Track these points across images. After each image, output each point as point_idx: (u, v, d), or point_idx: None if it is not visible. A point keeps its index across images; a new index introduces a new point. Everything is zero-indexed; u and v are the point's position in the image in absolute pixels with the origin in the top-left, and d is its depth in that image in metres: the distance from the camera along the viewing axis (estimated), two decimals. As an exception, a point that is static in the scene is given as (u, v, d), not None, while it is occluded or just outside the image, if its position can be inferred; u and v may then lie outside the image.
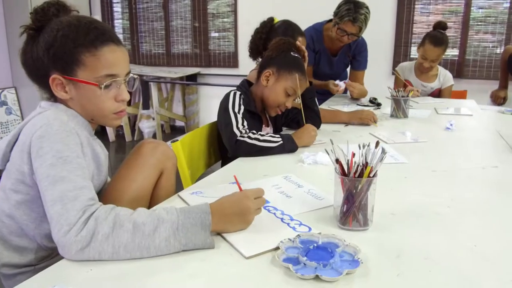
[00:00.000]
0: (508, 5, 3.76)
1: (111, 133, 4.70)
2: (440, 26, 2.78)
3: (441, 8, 3.98)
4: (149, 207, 1.07)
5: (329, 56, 2.57)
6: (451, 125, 1.81)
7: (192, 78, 4.86)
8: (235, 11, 4.62)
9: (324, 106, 2.29)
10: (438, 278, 0.71)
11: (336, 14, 2.33)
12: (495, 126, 1.94)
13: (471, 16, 3.87)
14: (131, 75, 0.98)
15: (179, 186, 1.19)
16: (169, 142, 1.42)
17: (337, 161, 0.88)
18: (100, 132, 4.63)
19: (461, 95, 3.04)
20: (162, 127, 4.92)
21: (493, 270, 0.74)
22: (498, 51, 3.83)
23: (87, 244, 0.72)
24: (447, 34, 2.78)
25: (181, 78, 4.71)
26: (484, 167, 1.33)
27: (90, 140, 0.96)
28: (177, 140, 1.40)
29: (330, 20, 2.43)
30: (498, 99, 2.96)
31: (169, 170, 1.13)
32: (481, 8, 3.86)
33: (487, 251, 0.80)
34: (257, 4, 4.36)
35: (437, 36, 2.71)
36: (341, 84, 2.41)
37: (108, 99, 0.93)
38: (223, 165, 1.49)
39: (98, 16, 4.88)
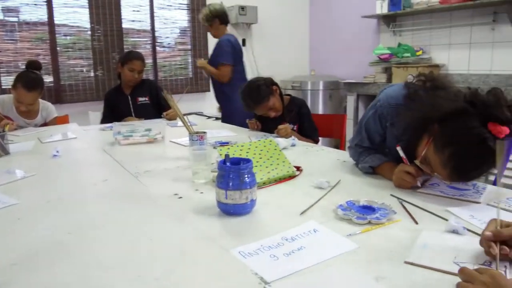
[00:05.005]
0: (90, 33, 4.11)
1: None
2: (33, 66, 2.69)
3: (27, 35, 3.86)
4: None
5: None
6: (57, 152, 1.80)
7: None
8: None
9: None
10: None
11: None
12: (99, 144, 2.09)
13: (58, 43, 3.97)
14: None
15: None
16: None
17: None
18: None
19: (64, 120, 3.09)
20: None
21: (119, 274, 0.79)
22: (91, 74, 4.13)
23: None
24: (41, 61, 2.74)
25: None
26: (96, 183, 1.40)
27: None
28: None
29: None
30: None
31: None
32: (67, 35, 4.04)
33: (113, 259, 0.85)
34: None
35: (30, 79, 2.59)
36: None
37: None
38: None
39: None
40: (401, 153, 1.28)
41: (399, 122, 1.30)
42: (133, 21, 4.38)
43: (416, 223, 1.01)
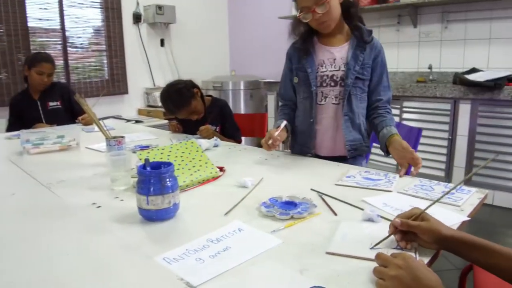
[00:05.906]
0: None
1: None
2: None
3: None
4: None
5: None
6: (-46, 164, 1.61)
7: None
8: None
9: None
10: None
11: None
12: (5, 154, 1.91)
13: None
14: None
15: None
16: None
17: None
18: None
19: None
20: None
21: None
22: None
23: None
24: None
25: None
26: (2, 198, 1.27)
27: None
28: None
29: None
30: None
31: None
32: (-39, 36, 3.63)
33: (28, 279, 0.78)
34: None
35: None
36: None
37: None
38: None
39: None
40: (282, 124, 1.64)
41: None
42: (40, 19, 4.05)
43: (335, 214, 1.06)
